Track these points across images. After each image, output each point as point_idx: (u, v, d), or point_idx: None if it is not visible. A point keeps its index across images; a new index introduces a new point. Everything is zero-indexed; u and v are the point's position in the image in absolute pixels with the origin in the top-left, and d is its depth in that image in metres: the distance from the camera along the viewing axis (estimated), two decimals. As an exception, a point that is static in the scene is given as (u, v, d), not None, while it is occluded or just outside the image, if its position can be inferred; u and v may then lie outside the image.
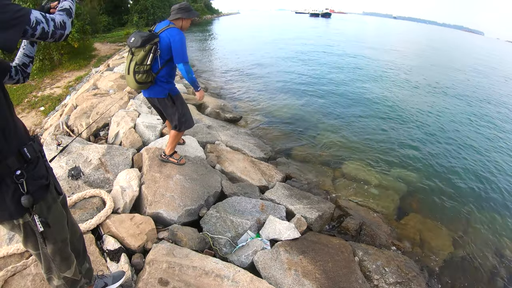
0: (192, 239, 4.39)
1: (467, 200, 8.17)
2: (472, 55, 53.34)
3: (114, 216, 4.43)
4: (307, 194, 6.57)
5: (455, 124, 13.48)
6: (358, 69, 24.37)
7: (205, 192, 5.46)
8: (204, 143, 7.58)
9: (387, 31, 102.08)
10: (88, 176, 5.39)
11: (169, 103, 5.25)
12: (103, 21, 36.64)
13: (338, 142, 10.56)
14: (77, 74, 18.96)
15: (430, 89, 19.88)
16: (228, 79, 18.65)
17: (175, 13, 4.93)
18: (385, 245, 5.97)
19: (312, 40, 45.72)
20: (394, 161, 9.57)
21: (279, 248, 4.53)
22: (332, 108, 14.15)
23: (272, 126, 11.43)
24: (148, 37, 4.60)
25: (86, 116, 8.07)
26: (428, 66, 30.27)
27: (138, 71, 4.70)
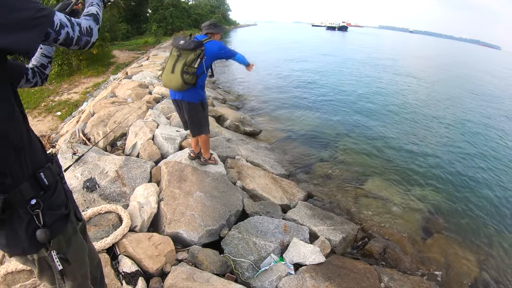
0: (213, 262, 4.18)
1: (494, 220, 7.88)
2: (492, 70, 52.78)
3: (131, 235, 4.24)
4: (330, 214, 6.33)
5: (482, 143, 13.13)
6: (379, 83, 24.05)
7: (226, 211, 5.25)
8: (224, 157, 7.38)
9: (405, 45, 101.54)
10: (103, 189, 5.24)
11: (201, 108, 5.51)
12: (122, 29, 36.89)
13: (360, 158, 10.29)
14: (95, 80, 18.97)
15: (456, 105, 19.53)
16: (246, 91, 18.47)
17: (207, 28, 5.40)
18: (409, 269, 5.73)
19: (331, 53, 45.56)
20: (418, 179, 9.27)
21: (305, 273, 4.29)
22: (353, 123, 13.89)
23: (292, 140, 11.20)
24: (200, 43, 4.95)
25: (104, 125, 7.94)
26: (451, 81, 29.94)
27: (187, 72, 4.89)
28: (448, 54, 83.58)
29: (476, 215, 8.02)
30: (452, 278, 5.89)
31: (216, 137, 8.36)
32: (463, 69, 46.33)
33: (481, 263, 6.44)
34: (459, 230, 7.36)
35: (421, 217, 7.57)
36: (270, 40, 64.74)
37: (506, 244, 7.16)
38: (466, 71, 43.79)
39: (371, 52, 53.11)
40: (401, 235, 6.79)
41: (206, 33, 5.39)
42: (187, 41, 4.91)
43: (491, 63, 74.05)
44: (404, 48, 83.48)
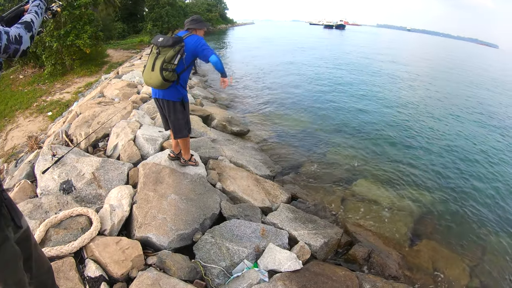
0: (181, 268, 4.01)
1: (484, 225, 7.72)
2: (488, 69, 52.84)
3: (99, 239, 4.12)
4: (313, 218, 6.14)
5: (474, 145, 13.00)
6: (372, 82, 24.03)
7: (201, 214, 5.08)
8: (206, 158, 7.21)
9: (402, 44, 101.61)
10: (79, 191, 5.15)
11: (181, 108, 5.39)
12: (118, 28, 36.82)
13: (349, 159, 10.13)
14: (88, 80, 18.89)
15: (448, 106, 19.39)
16: (238, 91, 18.37)
17: (189, 24, 5.36)
18: (395, 276, 5.53)
19: (325, 52, 45.54)
20: (408, 181, 9.12)
21: (277, 281, 4.10)
22: (344, 123, 13.77)
23: (281, 140, 11.05)
24: (179, 39, 4.87)
25: (87, 125, 7.81)
26: (444, 81, 29.79)
27: (166, 68, 4.80)
28: (446, 53, 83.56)
29: (468, 219, 7.87)
30: (440, 286, 5.72)
31: (200, 137, 8.21)
32: (460, 68, 46.32)
33: (472, 269, 6.27)
34: (449, 235, 7.20)
35: (410, 220, 7.40)
36: (266, 39, 64.76)
37: (499, 248, 7.01)
38: (463, 70, 43.80)
39: (367, 51, 53.17)
40: (388, 239, 6.62)
41: (188, 29, 5.33)
42: (166, 38, 4.85)
43: (488, 61, 74.26)
44: (401, 47, 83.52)
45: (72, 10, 19.47)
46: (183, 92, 5.31)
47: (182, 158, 6.19)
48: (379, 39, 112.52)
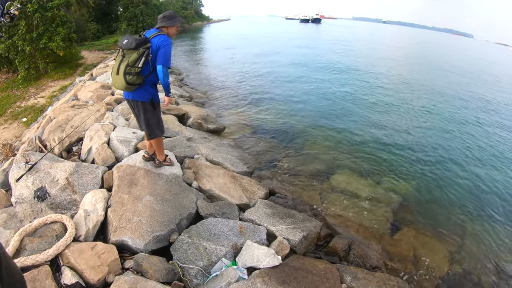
0: (158, 270, 3.95)
1: (464, 211, 7.82)
2: (462, 58, 53.64)
3: (74, 245, 4.04)
4: (291, 212, 6.13)
5: (449, 132, 13.16)
6: (347, 76, 24.03)
7: (177, 214, 5.02)
8: (182, 157, 7.14)
9: (377, 36, 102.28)
10: (54, 198, 5.05)
11: (150, 108, 5.28)
12: (92, 29, 36.34)
13: (327, 152, 10.16)
14: (62, 83, 18.58)
15: (423, 95, 19.62)
16: (214, 88, 18.26)
17: (160, 21, 5.14)
18: (376, 266, 5.56)
19: (302, 45, 45.68)
20: (386, 171, 9.18)
21: (256, 279, 4.08)
22: (322, 116, 13.79)
23: (258, 136, 11.02)
24: (142, 41, 4.73)
25: (61, 130, 7.65)
26: (419, 71, 30.16)
27: (130, 72, 4.70)
28: (421, 44, 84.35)
29: (447, 205, 7.97)
30: (422, 273, 5.77)
31: (176, 136, 8.13)
32: (435, 58, 46.92)
33: (453, 254, 6.35)
34: (429, 222, 7.26)
35: (390, 210, 7.44)
36: (242, 35, 64.56)
37: (479, 232, 7.11)
38: (438, 60, 44.35)
39: (342, 44, 53.41)
40: (368, 230, 6.65)
41: (159, 27, 5.15)
42: (130, 39, 4.73)
43: (464, 51, 75.22)
44: (377, 39, 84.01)
45: (44, 12, 19.04)
46: (152, 92, 5.20)
47: (156, 159, 6.10)
48: (355, 31, 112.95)
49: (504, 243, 6.89)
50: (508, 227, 7.42)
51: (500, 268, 6.16)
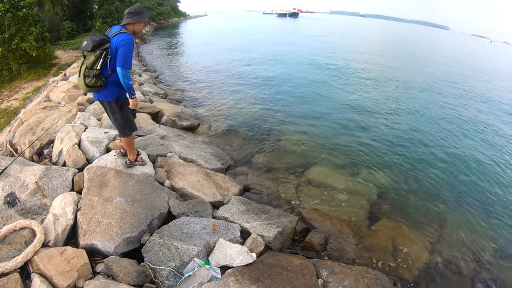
0: (129, 273, 3.88)
1: (442, 200, 7.91)
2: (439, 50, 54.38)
3: (44, 251, 3.93)
4: (266, 208, 6.08)
5: (426, 123, 13.30)
6: (323, 67, 24.26)
7: (148, 215, 4.93)
8: (154, 156, 7.03)
9: (354, 30, 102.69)
10: (24, 203, 4.90)
11: (117, 108, 5.21)
12: (67, 27, 35.68)
13: (303, 145, 10.15)
14: (36, 84, 18.17)
15: (399, 88, 19.76)
16: (190, 84, 18.13)
17: (126, 18, 4.94)
18: (353, 259, 5.60)
19: (279, 40, 45.82)
20: (364, 163, 9.22)
21: (229, 278, 4.03)
22: (297, 111, 13.77)
23: (233, 131, 10.96)
24: (100, 42, 4.61)
25: (32, 133, 7.48)
26: (395, 63, 30.49)
27: (88, 75, 4.67)
28: (398, 36, 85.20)
29: (425, 195, 8.04)
30: (400, 264, 5.80)
31: (149, 135, 8.01)
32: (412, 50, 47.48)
33: (432, 244, 6.40)
34: (407, 212, 7.31)
35: (367, 201, 7.48)
36: (219, 30, 64.18)
37: (457, 221, 7.19)
38: (415, 52, 44.88)
39: (319, 38, 53.44)
40: (345, 222, 6.66)
41: (125, 24, 4.95)
42: (89, 41, 4.62)
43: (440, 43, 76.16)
44: (354, 33, 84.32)
45: (16, 12, 18.60)
46: (117, 92, 5.09)
47: (128, 159, 5.98)
48: (332, 25, 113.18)
49: (482, 231, 7.00)
50: (485, 215, 7.55)
51: (479, 256, 6.25)
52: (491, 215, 7.61)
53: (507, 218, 7.61)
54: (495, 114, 16.20)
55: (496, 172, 9.69)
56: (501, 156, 10.91)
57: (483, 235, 6.85)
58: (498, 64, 46.91)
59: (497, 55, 71.90)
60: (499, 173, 9.65)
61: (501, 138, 12.72)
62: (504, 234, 7.03)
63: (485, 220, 7.34)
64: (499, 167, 10.04)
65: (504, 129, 13.90)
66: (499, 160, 10.59)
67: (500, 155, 11.02)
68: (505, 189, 8.80)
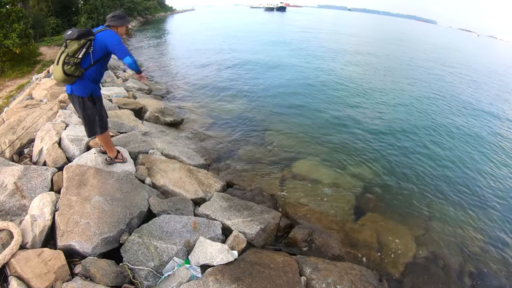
0: (106, 274, 3.81)
1: (427, 193, 7.92)
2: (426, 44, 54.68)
3: (21, 253, 3.84)
4: (249, 204, 6.05)
5: (412, 117, 13.33)
6: (309, 63, 24.15)
7: (127, 213, 4.86)
8: (136, 153, 6.95)
9: (342, 23, 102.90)
10: (2, 204, 4.79)
11: (90, 104, 5.14)
12: (52, 23, 35.24)
13: (288, 139, 10.14)
14: (20, 82, 17.92)
15: (386, 81, 19.85)
16: (175, 80, 17.99)
17: (110, 20, 5.09)
18: (338, 255, 5.56)
19: (266, 34, 45.58)
20: (349, 157, 9.21)
21: (208, 277, 3.97)
22: (282, 105, 13.74)
23: (216, 127, 10.87)
24: (85, 32, 4.67)
25: (13, 132, 7.34)
26: (382, 56, 30.50)
27: (68, 62, 4.62)
28: (386, 30, 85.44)
29: (410, 189, 8.04)
30: (386, 259, 5.78)
31: (131, 131, 7.92)
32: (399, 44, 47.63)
33: (418, 238, 6.39)
34: (392, 206, 7.30)
35: (352, 196, 7.46)
36: (205, 25, 63.81)
37: (443, 215, 7.20)
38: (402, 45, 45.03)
39: (308, 31, 53.49)
40: (329, 218, 6.62)
41: (108, 26, 5.06)
42: (74, 30, 4.63)
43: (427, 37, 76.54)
44: (342, 27, 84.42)
45: (-2, 8, 18.40)
46: (92, 87, 5.05)
47: (108, 157, 5.93)
48: (320, 19, 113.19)
49: (469, 224, 7.02)
50: (472, 209, 7.58)
51: (466, 250, 6.27)
52: (478, 208, 7.65)
53: (494, 211, 7.67)
54: (485, 107, 16.32)
55: (485, 165, 9.75)
56: (489, 149, 10.98)
57: (469, 228, 6.87)
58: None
59: (485, 48, 72.53)
60: (487, 166, 9.72)
61: (490, 131, 12.80)
62: (490, 227, 7.08)
63: (472, 214, 7.37)
64: (488, 160, 10.12)
65: (494, 122, 13.98)
66: (487, 153, 10.66)
67: (488, 148, 11.08)
68: (494, 183, 8.85)
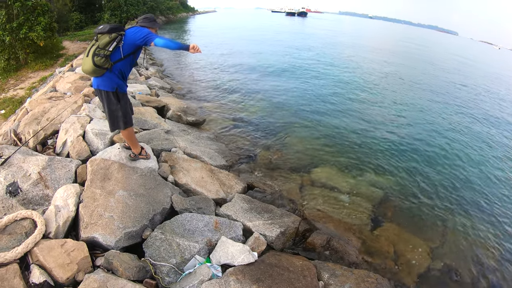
0: (129, 268, 3.84)
1: (446, 207, 7.82)
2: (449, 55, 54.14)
3: (44, 243, 3.88)
4: (269, 207, 6.04)
5: (435, 129, 13.18)
6: (332, 70, 24.07)
7: (150, 209, 4.90)
8: (159, 151, 6.98)
9: (364, 30, 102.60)
10: (26, 193, 4.83)
11: (114, 100, 5.17)
12: (75, 19, 35.66)
13: (309, 145, 10.09)
14: (42, 74, 18.19)
15: (409, 92, 19.65)
16: (196, 80, 18.04)
17: (141, 22, 5.21)
18: (355, 262, 5.52)
19: (288, 39, 45.58)
20: (368, 165, 9.15)
21: (229, 277, 3.98)
22: (304, 109, 13.74)
23: (238, 129, 10.90)
24: (117, 27, 4.82)
25: (37, 123, 7.43)
26: (405, 67, 30.27)
27: (98, 54, 4.72)
28: (407, 39, 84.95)
29: (429, 201, 7.95)
30: (402, 269, 5.74)
31: (154, 129, 7.98)
32: (421, 54, 47.20)
33: (434, 251, 6.32)
34: (411, 218, 7.24)
35: (371, 205, 7.41)
36: (227, 27, 64.04)
37: (460, 230, 7.10)
38: (424, 56, 44.64)
39: (329, 38, 53.33)
40: (347, 225, 6.59)
41: (140, 26, 5.13)
42: (105, 25, 4.78)
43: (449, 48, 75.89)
44: (364, 33, 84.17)
45: (24, 1, 18.61)
46: (117, 82, 5.09)
47: (132, 152, 5.98)
48: (342, 26, 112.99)
49: (485, 240, 6.92)
50: (489, 225, 7.45)
51: (481, 265, 6.18)
52: (497, 225, 7.53)
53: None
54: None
55: (507, 182, 9.60)
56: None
57: (487, 245, 6.78)
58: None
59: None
60: (509, 183, 9.57)
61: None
62: (508, 243, 6.97)
63: (491, 230, 7.26)
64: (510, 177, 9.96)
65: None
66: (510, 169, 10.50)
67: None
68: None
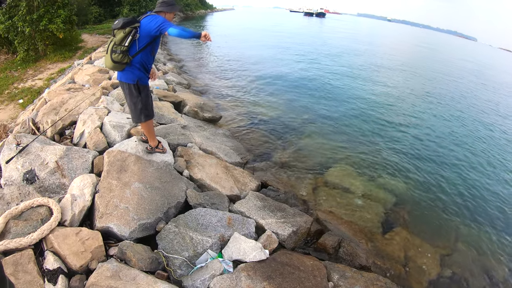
0: (142, 259, 3.88)
1: (457, 215, 7.75)
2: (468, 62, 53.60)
3: (59, 230, 3.95)
4: (282, 206, 6.03)
5: (451, 134, 13.07)
6: (349, 70, 24.10)
7: (165, 203, 4.94)
8: (175, 145, 7.03)
9: (382, 33, 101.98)
10: (42, 181, 4.94)
11: (135, 92, 5.24)
12: (94, 12, 35.93)
13: (323, 146, 10.08)
14: (61, 66, 18.37)
15: (425, 94, 19.56)
16: (214, 77, 18.10)
17: (158, 6, 5.13)
18: (365, 265, 5.50)
19: (306, 39, 45.50)
20: (382, 168, 9.11)
21: (241, 272, 4.01)
22: (320, 110, 13.71)
23: (254, 127, 10.93)
24: (129, 21, 4.81)
25: (55, 113, 7.53)
26: (422, 71, 29.99)
27: (115, 51, 4.81)
28: (426, 43, 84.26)
29: (441, 208, 7.88)
30: (411, 274, 5.72)
31: (170, 123, 8.02)
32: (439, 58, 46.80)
33: (444, 258, 6.28)
34: (422, 224, 7.19)
35: (383, 209, 7.38)
36: (245, 25, 64.08)
37: (471, 239, 7.03)
38: (442, 60, 44.25)
39: (347, 39, 53.12)
40: (359, 228, 6.58)
41: (157, 12, 5.12)
42: (120, 20, 4.83)
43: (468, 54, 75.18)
44: (382, 36, 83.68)
45: (45, -7, 18.86)
46: (138, 74, 5.15)
47: (148, 145, 6.04)
48: (360, 28, 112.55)
49: (496, 250, 6.85)
50: (501, 235, 7.37)
51: (490, 277, 6.11)
52: (509, 235, 7.48)
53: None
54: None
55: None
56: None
57: (497, 255, 6.70)
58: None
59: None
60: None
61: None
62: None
63: (503, 241, 7.19)
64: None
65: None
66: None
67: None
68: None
